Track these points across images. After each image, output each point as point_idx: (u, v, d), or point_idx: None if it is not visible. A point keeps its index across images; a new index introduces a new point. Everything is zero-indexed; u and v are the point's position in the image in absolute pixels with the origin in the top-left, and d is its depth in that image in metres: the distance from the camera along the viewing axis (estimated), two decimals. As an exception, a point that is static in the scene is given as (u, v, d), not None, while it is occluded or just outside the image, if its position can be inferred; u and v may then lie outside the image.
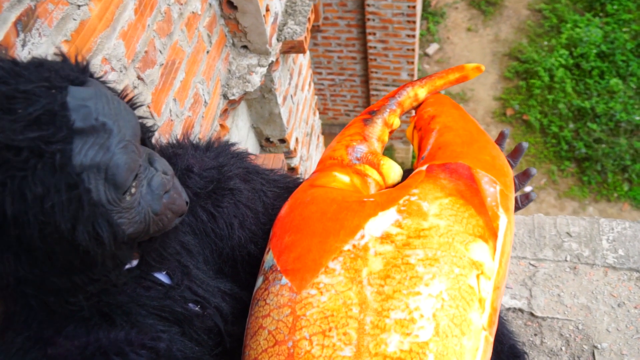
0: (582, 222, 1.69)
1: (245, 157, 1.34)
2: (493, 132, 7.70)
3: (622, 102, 7.06)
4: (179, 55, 1.67)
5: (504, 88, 8.05)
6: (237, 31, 2.04)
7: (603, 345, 1.45)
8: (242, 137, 2.33)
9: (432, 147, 1.26)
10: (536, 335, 1.52)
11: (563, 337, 1.49)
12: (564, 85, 7.45)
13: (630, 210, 6.85)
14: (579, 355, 1.45)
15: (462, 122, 1.32)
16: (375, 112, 1.45)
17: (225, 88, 2.04)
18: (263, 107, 2.34)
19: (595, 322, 1.50)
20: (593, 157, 6.94)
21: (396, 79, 6.20)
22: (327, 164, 1.34)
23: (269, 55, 2.09)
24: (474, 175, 1.11)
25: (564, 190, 7.11)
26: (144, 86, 1.48)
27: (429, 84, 1.49)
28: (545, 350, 1.49)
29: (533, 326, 1.53)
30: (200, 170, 1.17)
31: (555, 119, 7.40)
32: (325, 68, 6.45)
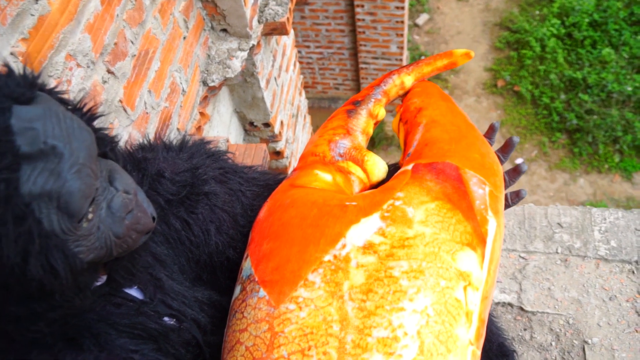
0: (573, 212, 1.64)
1: (222, 156, 1.27)
2: (484, 103, 7.63)
3: (614, 73, 6.99)
4: (153, 44, 1.59)
5: (494, 59, 7.95)
6: (216, 14, 1.95)
7: (594, 340, 1.42)
8: (225, 122, 2.25)
9: (418, 143, 1.20)
10: (526, 330, 1.49)
11: (553, 332, 1.46)
12: (556, 55, 7.36)
13: (621, 182, 6.85)
14: (569, 350, 1.42)
15: (450, 115, 1.26)
16: (359, 102, 1.38)
17: (205, 74, 1.96)
18: (245, 92, 2.26)
19: (586, 317, 1.47)
20: (584, 128, 6.90)
21: (385, 51, 6.08)
22: (308, 161, 1.28)
23: (250, 38, 2.00)
24: (462, 176, 1.06)
25: (555, 162, 7.09)
26: (115, 80, 1.40)
27: (416, 71, 1.42)
28: (535, 346, 1.46)
29: (523, 321, 1.50)
30: (173, 174, 1.11)
31: (546, 90, 7.33)
32: (314, 41, 6.32)
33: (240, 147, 1.80)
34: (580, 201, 6.77)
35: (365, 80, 6.50)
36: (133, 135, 1.51)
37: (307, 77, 6.78)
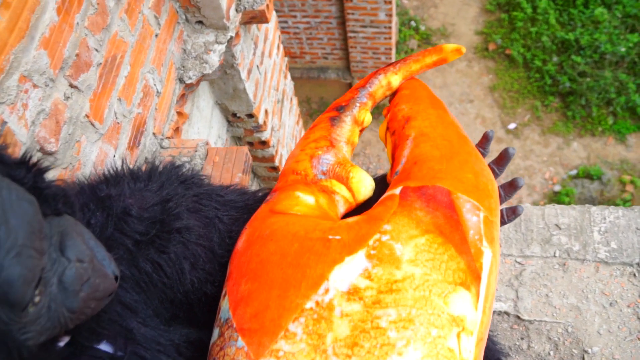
0: (572, 212, 1.57)
1: (197, 180, 1.18)
2: (475, 68, 7.49)
3: (607, 33, 6.84)
4: (121, 48, 1.48)
5: (485, 21, 7.77)
6: (190, 6, 1.82)
7: (594, 349, 1.37)
8: (206, 117, 2.15)
9: (407, 160, 1.11)
10: (523, 340, 1.43)
11: (551, 340, 1.41)
12: (547, 16, 7.19)
13: (615, 144, 6.79)
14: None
15: (440, 127, 1.17)
16: (343, 108, 1.28)
17: (181, 71, 1.85)
18: (226, 84, 2.15)
19: (586, 324, 1.41)
20: (577, 91, 6.80)
21: (374, 19, 5.90)
22: (289, 180, 1.19)
23: (227, 30, 1.88)
24: (455, 203, 0.97)
25: (548, 125, 7.01)
26: (79, 94, 1.30)
27: (404, 69, 1.32)
28: (533, 355, 1.41)
29: (519, 330, 1.44)
30: (141, 210, 1.02)
31: (538, 53, 7.19)
32: (300, 11, 6.13)
33: (221, 151, 1.70)
34: (574, 165, 6.73)
35: (354, 49, 6.34)
36: (103, 149, 1.42)
37: (294, 47, 6.61)
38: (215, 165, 1.68)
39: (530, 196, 6.66)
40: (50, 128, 1.20)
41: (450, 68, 7.50)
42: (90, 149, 1.37)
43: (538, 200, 6.62)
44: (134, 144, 1.58)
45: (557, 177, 6.72)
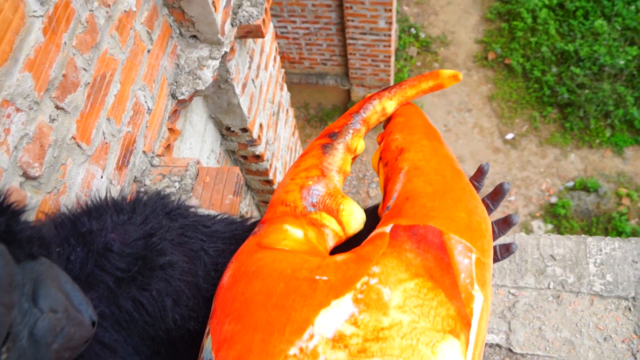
0: (567, 243, 1.54)
1: (183, 211, 1.15)
2: (474, 77, 7.48)
3: (606, 45, 6.83)
4: (111, 66, 1.44)
5: (485, 30, 7.75)
6: (184, 20, 1.79)
7: (587, 386, 1.34)
8: (199, 132, 2.11)
9: (399, 195, 1.07)
10: (515, 374, 1.40)
11: (544, 376, 1.38)
12: (547, 27, 7.18)
13: (612, 157, 6.78)
14: (561, 396, 1.35)
15: (434, 160, 1.13)
16: (336, 135, 1.25)
17: (174, 86, 1.82)
18: (220, 98, 2.12)
19: (579, 359, 1.38)
20: (576, 102, 6.78)
21: (373, 27, 5.88)
22: (278, 212, 1.16)
23: (222, 45, 1.85)
24: (446, 244, 0.93)
25: (546, 136, 6.99)
26: (65, 116, 1.26)
27: (399, 95, 1.29)
28: (525, 391, 1.38)
29: (512, 364, 1.41)
30: (122, 246, 0.98)
31: (537, 63, 7.18)
32: (300, 16, 6.10)
33: (212, 171, 1.67)
34: (571, 177, 6.72)
35: (352, 56, 6.31)
36: (90, 170, 1.38)
37: (293, 52, 6.58)
38: (206, 185, 1.65)
39: (526, 207, 6.64)
40: (34, 152, 1.17)
41: (449, 76, 7.48)
42: (77, 171, 1.33)
43: (534, 211, 6.61)
44: (123, 164, 1.55)
45: (553, 188, 6.70)
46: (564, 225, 6.44)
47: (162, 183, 1.67)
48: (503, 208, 6.64)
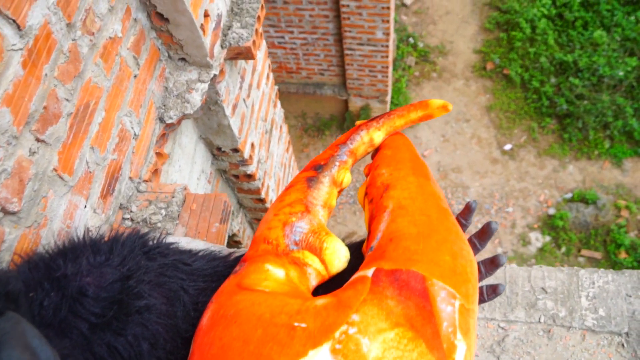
0: (559, 275, 1.51)
1: (163, 250, 1.12)
2: (473, 87, 7.46)
3: (605, 56, 6.82)
4: (95, 95, 1.42)
5: (484, 40, 7.74)
6: (172, 43, 1.77)
7: None
8: (188, 154, 2.09)
9: (382, 236, 1.04)
10: (505, 412, 1.37)
11: (534, 414, 1.35)
12: (546, 37, 7.17)
13: (611, 168, 6.75)
14: None
15: (420, 199, 1.10)
16: (321, 167, 1.22)
17: (162, 110, 1.79)
18: (210, 119, 2.09)
19: (570, 397, 1.35)
20: (574, 113, 6.77)
21: (371, 38, 5.87)
22: (260, 250, 1.13)
23: (211, 68, 1.83)
24: (428, 291, 0.91)
25: (544, 147, 6.97)
26: (46, 148, 1.24)
27: (387, 125, 1.27)
28: None
29: (502, 401, 1.38)
30: (98, 290, 0.95)
31: (536, 74, 7.16)
32: (297, 27, 6.09)
33: (199, 198, 1.65)
34: (569, 188, 6.69)
35: (350, 67, 6.30)
36: (73, 201, 1.36)
37: (291, 62, 6.56)
38: (193, 213, 1.62)
39: (524, 219, 6.61)
40: (13, 187, 1.14)
41: (447, 86, 7.47)
42: (58, 202, 1.31)
43: (532, 223, 6.58)
44: (108, 192, 1.52)
45: (551, 200, 6.67)
46: (562, 237, 6.41)
47: (149, 210, 1.64)
48: (500, 219, 6.61)
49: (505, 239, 6.49)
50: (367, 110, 6.84)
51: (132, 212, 1.64)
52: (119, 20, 1.51)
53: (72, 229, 1.36)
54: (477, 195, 6.72)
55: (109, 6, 1.45)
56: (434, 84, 7.49)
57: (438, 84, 7.49)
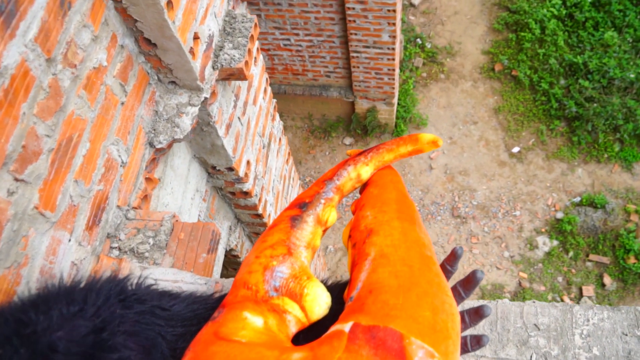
0: (553, 311, 1.47)
1: (140, 295, 1.09)
2: (481, 88, 7.38)
3: (616, 57, 6.71)
4: (78, 127, 1.40)
5: (492, 41, 7.65)
6: (162, 67, 1.74)
7: None
8: (182, 175, 2.07)
9: (362, 286, 1.01)
10: None
11: None
12: (556, 38, 7.07)
13: (621, 172, 6.65)
14: None
15: (403, 247, 1.07)
16: (306, 205, 1.19)
17: (152, 134, 1.77)
18: (204, 139, 2.07)
19: None
20: (584, 116, 6.67)
21: (377, 40, 5.81)
22: (239, 296, 1.10)
23: (202, 91, 1.80)
24: (406, 350, 0.87)
25: (553, 150, 6.89)
26: (26, 187, 1.22)
27: (376, 160, 1.23)
28: None
29: None
30: (70, 344, 0.93)
31: (545, 75, 7.07)
32: (302, 29, 6.04)
33: (187, 227, 1.62)
34: (577, 192, 6.60)
35: (356, 69, 6.25)
36: (56, 236, 1.34)
37: (296, 64, 6.53)
38: (180, 242, 1.60)
39: (531, 222, 6.54)
40: (-11, 230, 1.12)
41: (455, 88, 7.40)
42: (40, 240, 1.29)
43: (540, 227, 6.50)
44: (94, 223, 1.51)
45: (559, 203, 6.59)
46: (570, 242, 6.34)
47: (137, 239, 1.62)
48: (507, 223, 6.55)
49: (512, 242, 6.42)
50: (374, 112, 6.79)
51: (120, 240, 1.62)
52: (103, 49, 1.49)
53: (55, 265, 1.35)
54: (484, 199, 6.66)
55: (93, 36, 1.43)
56: (441, 85, 7.42)
57: (446, 86, 7.41)
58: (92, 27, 1.42)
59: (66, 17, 1.32)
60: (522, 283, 6.23)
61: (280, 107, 7.19)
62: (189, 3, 1.69)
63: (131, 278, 1.13)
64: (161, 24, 1.56)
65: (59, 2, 1.29)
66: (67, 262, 1.40)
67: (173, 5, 1.57)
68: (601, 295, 6.16)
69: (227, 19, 2.01)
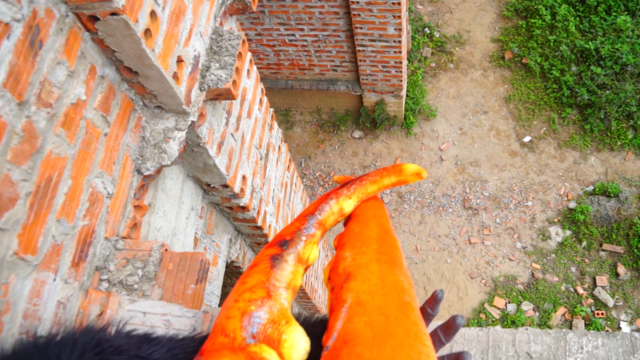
0: (546, 339, 1.44)
1: (117, 346, 1.08)
2: (491, 77, 7.26)
3: (629, 42, 6.54)
4: (58, 166, 1.38)
5: (502, 28, 7.50)
6: (146, 93, 1.72)
7: None
8: (174, 196, 2.05)
9: (338, 336, 0.99)
10: None
11: None
12: (567, 24, 6.91)
13: (634, 160, 6.52)
14: None
15: (380, 294, 1.04)
16: (287, 243, 1.16)
17: (139, 161, 1.75)
18: (195, 159, 2.05)
19: None
20: (596, 103, 6.53)
21: (382, 33, 5.73)
22: (217, 343, 1.08)
23: (188, 115, 1.78)
24: (378, 409, 0.86)
25: (565, 139, 6.77)
26: (3, 234, 1.21)
27: (359, 192, 1.21)
28: None
29: None
30: None
31: (556, 62, 6.92)
32: (307, 24, 5.98)
33: (175, 257, 1.61)
34: (590, 181, 6.49)
35: (363, 63, 6.17)
36: (40, 278, 1.33)
37: (303, 59, 6.47)
38: (169, 273, 1.59)
39: (544, 212, 6.45)
40: (-36, 283, 1.12)
41: (464, 77, 7.28)
42: (22, 284, 1.28)
43: (552, 217, 6.42)
44: (80, 259, 1.50)
45: (572, 193, 6.49)
46: (583, 232, 6.25)
47: (125, 270, 1.61)
48: (519, 214, 6.47)
49: (524, 233, 6.35)
50: (382, 105, 6.72)
51: (109, 272, 1.62)
52: (81, 83, 1.47)
53: (39, 307, 1.34)
54: (495, 189, 6.58)
55: (68, 72, 1.41)
56: (450, 75, 7.31)
57: (455, 75, 7.31)
58: (67, 63, 1.40)
59: (37, 56, 1.30)
60: (535, 274, 6.17)
61: (288, 102, 7.15)
62: (170, 27, 1.66)
63: (109, 326, 1.11)
64: (139, 53, 1.53)
65: (28, 42, 1.26)
66: (53, 302, 1.40)
67: (152, 33, 1.54)
68: (615, 284, 6.08)
69: (214, 37, 1.97)
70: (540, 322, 5.97)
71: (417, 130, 6.96)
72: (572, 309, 6.01)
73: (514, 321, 5.91)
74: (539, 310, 6.04)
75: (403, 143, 6.92)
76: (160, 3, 1.59)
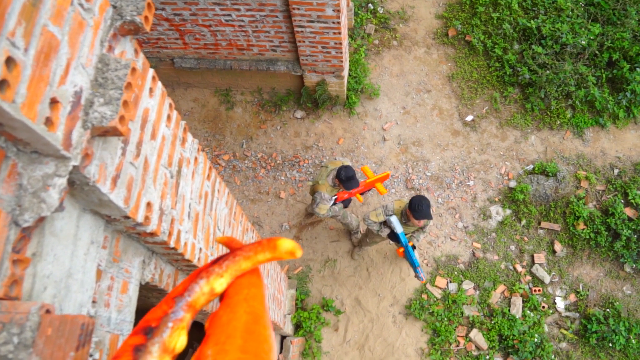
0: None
1: None
2: (434, 55, 7.20)
3: (569, 22, 6.56)
4: None
5: (446, 4, 7.41)
6: (17, 140, 1.57)
7: None
8: (67, 236, 1.92)
9: None
10: None
11: None
12: (510, 1, 6.86)
13: (572, 139, 6.64)
14: None
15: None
16: (152, 331, 1.08)
17: (16, 212, 1.62)
18: (89, 195, 1.92)
19: None
20: (537, 82, 6.57)
21: (321, 15, 5.55)
22: None
23: (69, 160, 1.64)
24: None
25: (506, 118, 6.81)
26: None
27: (232, 269, 1.14)
28: None
29: None
30: None
31: (499, 40, 6.90)
32: (243, 4, 5.73)
33: (55, 321, 1.50)
34: (530, 160, 6.60)
35: (302, 44, 6.00)
36: None
37: (240, 39, 6.24)
38: (48, 339, 1.48)
39: (485, 192, 6.54)
40: None
41: (408, 55, 7.20)
42: None
43: (493, 196, 6.51)
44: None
45: (513, 172, 6.58)
46: (522, 211, 6.37)
47: (1, 337, 1.50)
48: (461, 193, 6.53)
49: (466, 213, 6.43)
50: (324, 85, 6.58)
51: (-19, 337, 1.50)
52: None
53: None
54: (438, 169, 6.60)
55: None
56: (394, 52, 7.21)
57: (398, 52, 7.21)
58: None
59: None
60: (476, 253, 6.28)
61: (228, 82, 6.94)
62: (38, 70, 1.50)
63: None
64: (-3, 110, 1.38)
65: None
66: None
67: (9, 84, 1.39)
68: (552, 261, 6.25)
69: (99, 66, 1.82)
70: (480, 300, 6.12)
71: (360, 109, 6.87)
72: (511, 286, 6.17)
73: (455, 300, 6.03)
74: (479, 288, 6.18)
75: (346, 123, 6.84)
76: (20, 46, 1.42)
